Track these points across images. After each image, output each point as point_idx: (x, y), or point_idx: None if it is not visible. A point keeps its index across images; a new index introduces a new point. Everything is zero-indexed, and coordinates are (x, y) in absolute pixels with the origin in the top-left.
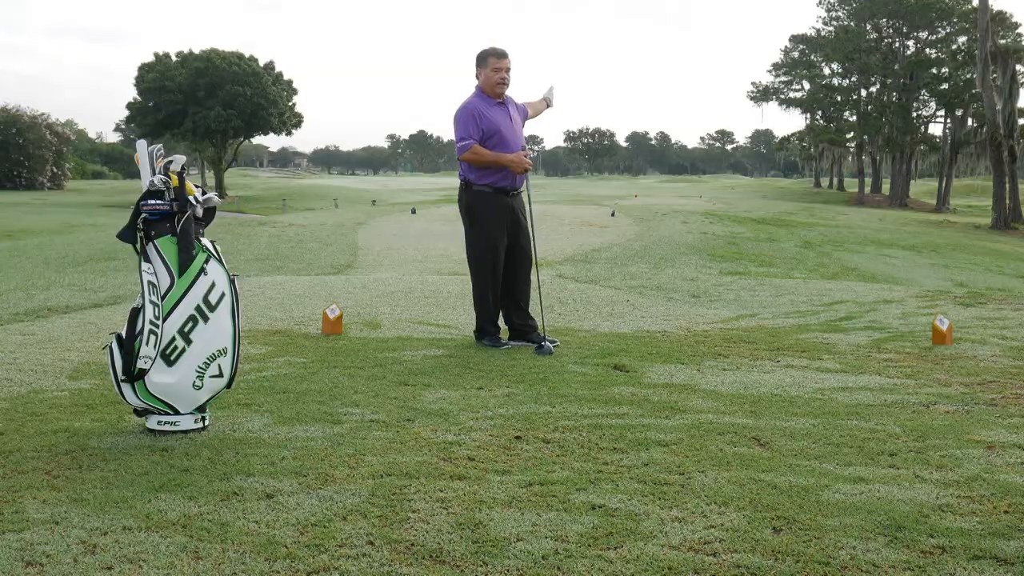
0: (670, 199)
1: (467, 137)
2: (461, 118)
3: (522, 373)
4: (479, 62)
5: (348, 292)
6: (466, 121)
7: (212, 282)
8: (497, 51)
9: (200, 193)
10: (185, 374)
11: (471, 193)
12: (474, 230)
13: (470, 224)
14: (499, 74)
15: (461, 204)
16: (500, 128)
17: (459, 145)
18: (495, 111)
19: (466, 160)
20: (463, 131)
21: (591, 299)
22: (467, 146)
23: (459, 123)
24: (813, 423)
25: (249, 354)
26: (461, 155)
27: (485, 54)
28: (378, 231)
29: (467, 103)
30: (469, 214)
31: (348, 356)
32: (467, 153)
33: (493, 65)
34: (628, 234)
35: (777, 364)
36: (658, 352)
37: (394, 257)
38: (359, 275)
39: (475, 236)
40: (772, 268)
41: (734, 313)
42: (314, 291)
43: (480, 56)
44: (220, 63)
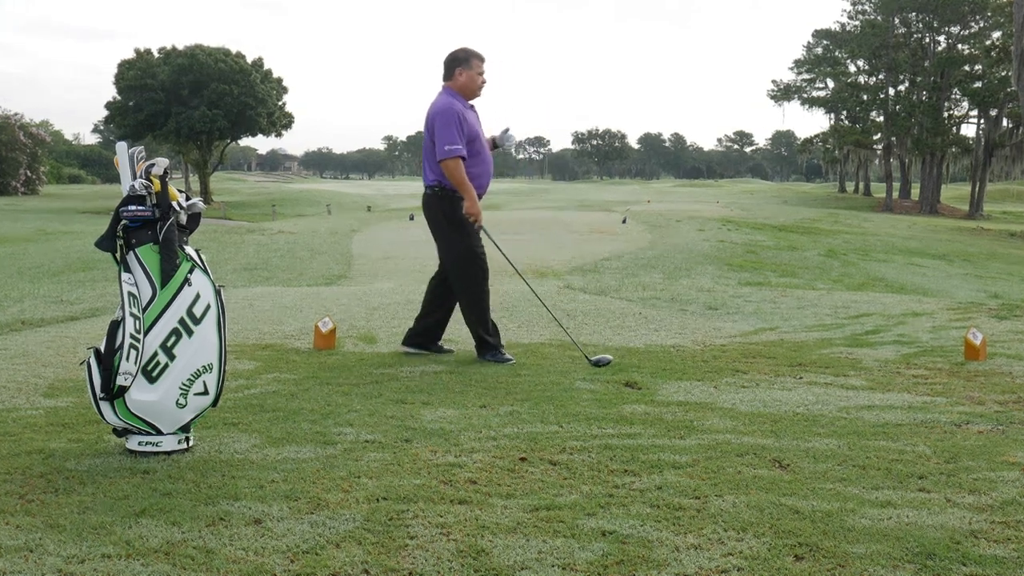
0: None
1: (455, 144)
2: (447, 121)
3: (527, 390)
4: (461, 62)
5: (342, 304)
6: (452, 126)
7: (197, 293)
8: (480, 53)
9: (184, 198)
10: (168, 391)
11: (449, 199)
12: (457, 237)
13: (451, 231)
14: (482, 77)
15: (435, 211)
16: (478, 134)
17: (448, 149)
18: (470, 115)
19: (446, 168)
20: (451, 136)
21: (600, 311)
22: (456, 152)
23: (446, 126)
24: (837, 444)
25: (236, 370)
26: (446, 159)
27: (468, 55)
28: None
29: (450, 104)
30: (450, 220)
31: (342, 372)
32: (451, 161)
33: (477, 67)
34: (640, 242)
35: (799, 381)
36: (672, 368)
37: (391, 267)
38: (353, 286)
39: (460, 243)
40: (794, 278)
41: (753, 327)
42: (305, 303)
43: (462, 56)
44: (205, 60)
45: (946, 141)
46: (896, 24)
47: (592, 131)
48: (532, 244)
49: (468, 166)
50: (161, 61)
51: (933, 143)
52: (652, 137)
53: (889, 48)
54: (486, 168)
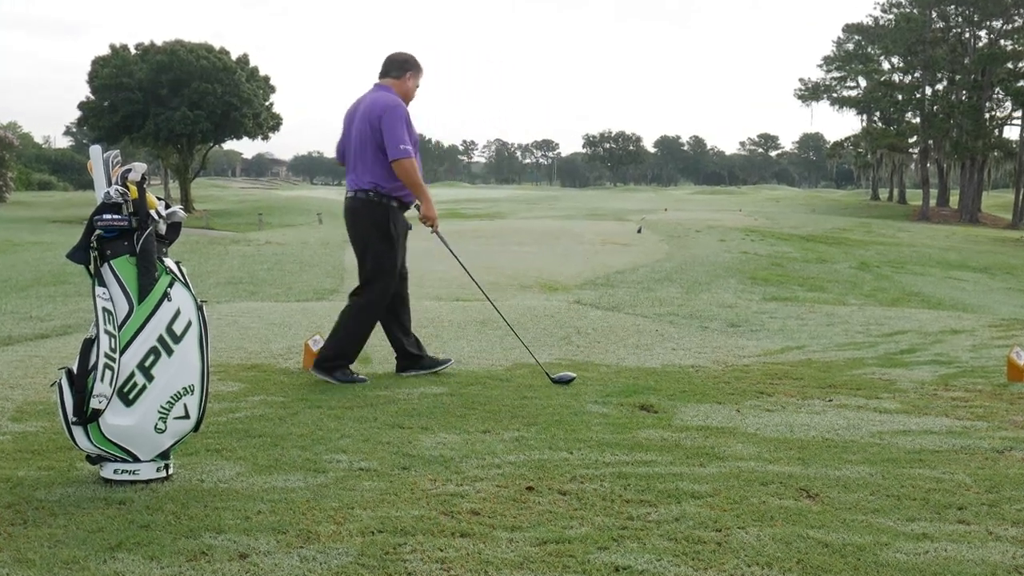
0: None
1: (407, 144)
2: (397, 119)
3: (534, 414)
4: (414, 67)
5: (334, 321)
6: (402, 125)
7: (177, 309)
8: (421, 63)
9: (163, 207)
10: (146, 415)
11: (384, 206)
12: (387, 248)
13: (381, 240)
14: (419, 87)
15: (364, 218)
16: (416, 141)
17: (402, 148)
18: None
19: (401, 169)
20: (402, 135)
21: (614, 329)
22: (408, 153)
23: (397, 124)
24: (870, 472)
25: (220, 392)
26: (401, 159)
27: (417, 62)
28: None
29: (398, 103)
30: (380, 228)
31: (334, 394)
32: (406, 161)
33: (421, 76)
34: (657, 254)
35: (829, 404)
36: (691, 390)
37: None
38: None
39: (389, 256)
40: (823, 293)
41: (779, 345)
42: (294, 319)
43: (415, 63)
44: (186, 57)
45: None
46: (934, 18)
47: (604, 134)
48: (539, 256)
49: None
50: (138, 58)
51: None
52: (669, 140)
53: (926, 44)
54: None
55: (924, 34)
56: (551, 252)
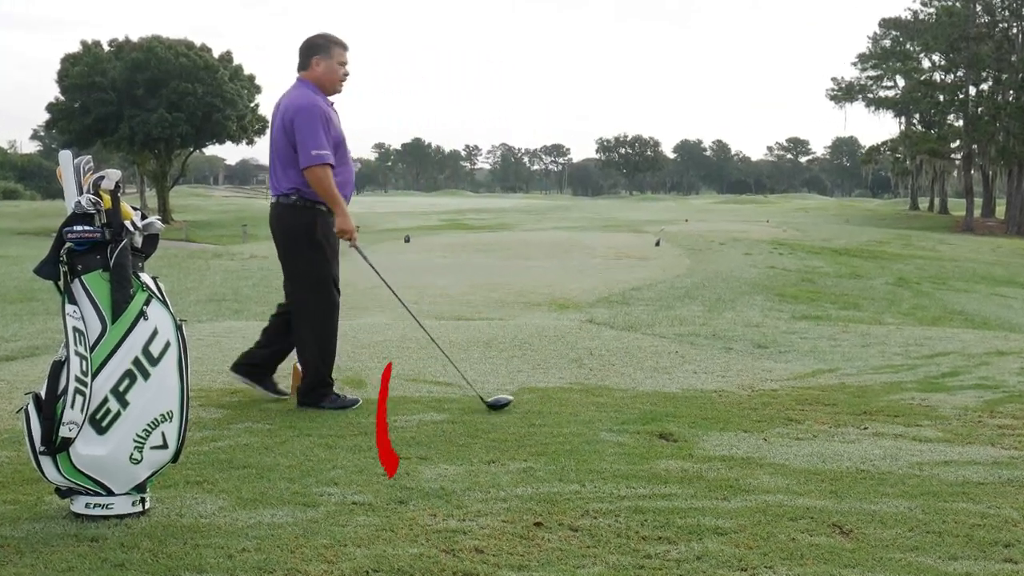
0: (729, 224)
1: (322, 149)
2: (311, 120)
3: (543, 443)
4: (319, 50)
5: None
6: (318, 126)
7: (154, 329)
8: (341, 41)
9: (139, 217)
10: (120, 444)
11: (309, 212)
12: (313, 258)
13: (308, 250)
14: (343, 69)
15: (288, 225)
16: (343, 138)
17: (315, 154)
18: (333, 115)
19: (314, 177)
20: (317, 139)
21: (629, 350)
22: (326, 159)
23: (311, 126)
24: (909, 506)
25: (201, 419)
26: (313, 165)
27: (328, 41)
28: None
29: (313, 101)
30: (308, 238)
31: (325, 422)
32: (319, 168)
33: (339, 57)
34: (676, 269)
35: (864, 432)
36: (714, 417)
37: (382, 297)
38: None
39: (315, 267)
40: (857, 311)
41: (809, 368)
42: None
43: (321, 43)
44: (164, 54)
45: None
46: (978, 11)
47: (620, 138)
48: (548, 272)
49: (334, 175)
50: (112, 55)
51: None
52: (690, 145)
53: (970, 40)
54: (349, 177)
55: (968, 29)
56: (561, 267)
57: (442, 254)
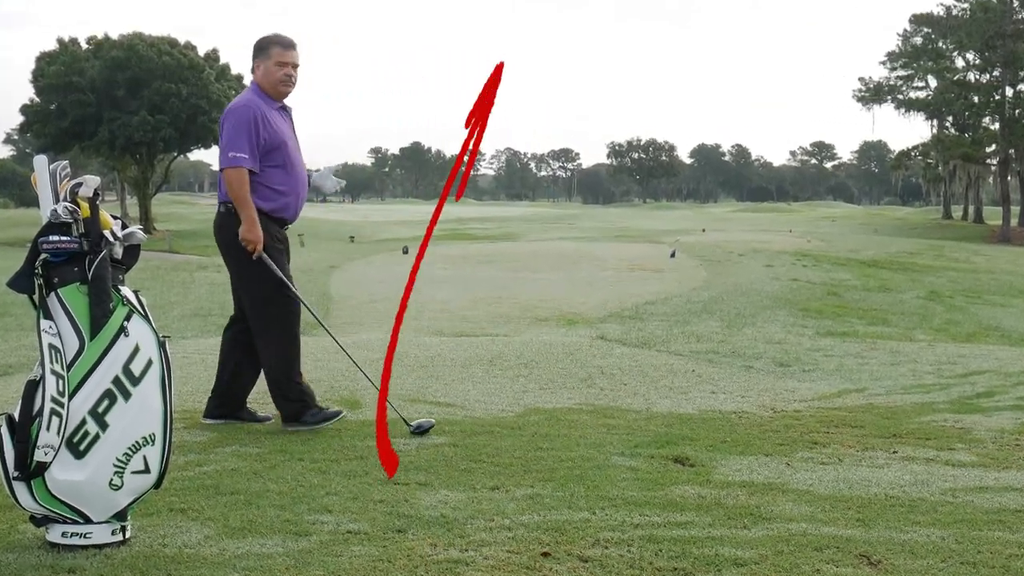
0: (749, 234)
1: (239, 151)
2: (237, 122)
3: (551, 467)
4: (258, 52)
5: (317, 359)
6: (242, 129)
7: (135, 346)
8: (283, 39)
9: (119, 226)
10: (99, 469)
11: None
12: (261, 268)
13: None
14: (284, 69)
15: (231, 234)
16: (286, 140)
17: (231, 156)
18: (276, 117)
19: (227, 179)
20: (237, 141)
21: (643, 368)
22: (240, 162)
23: (235, 128)
24: (941, 535)
25: (185, 442)
26: (226, 167)
27: (267, 42)
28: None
29: (246, 103)
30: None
31: (318, 445)
32: (233, 171)
33: (277, 57)
34: (693, 281)
35: (893, 456)
36: (733, 440)
37: (379, 312)
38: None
39: (264, 276)
40: (886, 327)
41: (835, 388)
42: None
43: (260, 44)
44: (146, 52)
45: None
46: (1015, 7)
47: (633, 142)
48: (556, 285)
49: (271, 181)
50: (91, 54)
51: None
52: (707, 149)
53: (1006, 37)
54: (295, 186)
55: (1004, 26)
56: (570, 279)
57: (443, 266)
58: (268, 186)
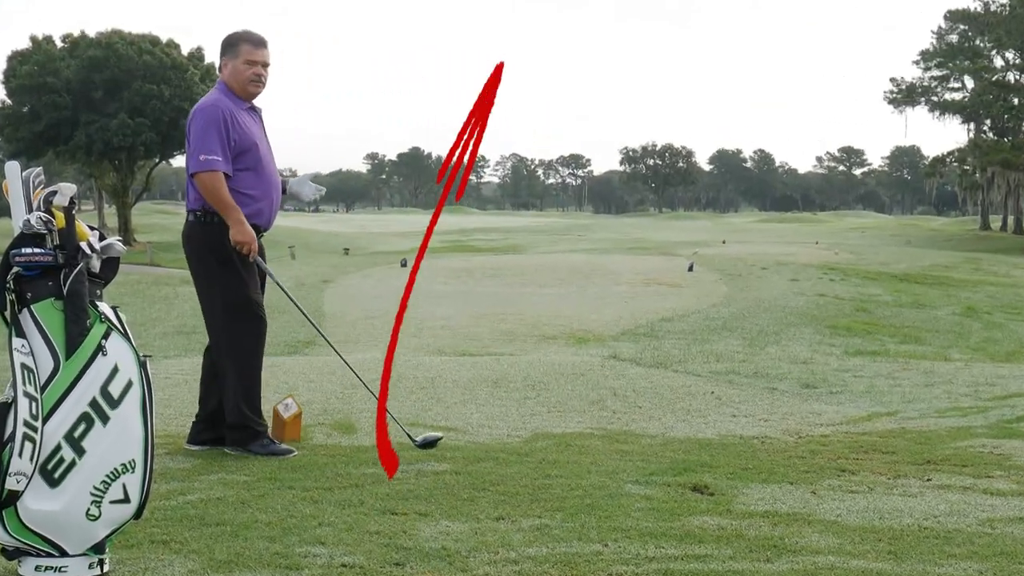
0: (773, 246)
1: (211, 154)
2: (205, 123)
3: (560, 496)
4: (226, 49)
5: (310, 380)
6: (211, 130)
7: (114, 366)
8: (253, 36)
9: (97, 238)
10: (75, 498)
11: (217, 229)
12: (226, 279)
13: (219, 271)
14: (254, 68)
15: (197, 244)
16: (257, 142)
17: (202, 159)
18: (245, 118)
19: (201, 185)
20: (207, 143)
21: (658, 390)
22: (212, 166)
23: (203, 130)
24: (979, 568)
25: (168, 469)
26: (199, 172)
27: (236, 38)
28: (352, 292)
29: (214, 103)
30: (218, 257)
31: (310, 472)
32: (206, 175)
33: (247, 55)
34: (712, 297)
35: (927, 484)
36: (755, 467)
37: (375, 329)
38: (325, 356)
39: (229, 289)
40: (919, 346)
41: (865, 411)
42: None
43: (229, 42)
44: (125, 51)
45: None
46: None
47: (648, 147)
48: (566, 300)
49: (242, 185)
50: (66, 52)
51: None
52: (728, 155)
53: None
54: (267, 191)
55: None
56: (581, 295)
57: (444, 280)
58: (239, 191)
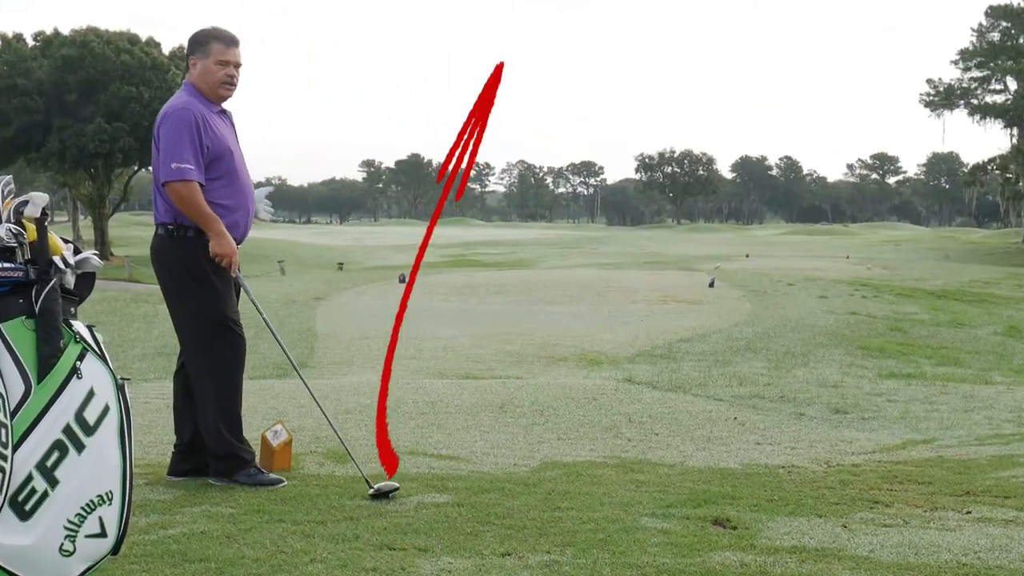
0: (800, 261)
1: (183, 162)
2: (176, 128)
3: (570, 531)
4: (195, 48)
5: (301, 405)
6: (182, 135)
7: (89, 390)
8: (224, 34)
9: (71, 251)
10: (48, 532)
11: (191, 243)
12: (200, 297)
13: (193, 288)
14: (225, 69)
15: (168, 259)
16: (230, 148)
17: (175, 167)
18: (217, 122)
19: (175, 195)
20: (179, 150)
21: (676, 416)
22: (186, 175)
23: (175, 136)
24: None
25: (148, 501)
26: (172, 181)
27: (206, 36)
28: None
29: (184, 106)
30: (192, 273)
31: (301, 504)
32: (180, 184)
33: (218, 55)
34: (735, 315)
35: (966, 517)
36: (781, 499)
37: (371, 350)
38: (317, 379)
39: (204, 307)
40: (959, 368)
41: (899, 438)
42: (248, 404)
43: (198, 40)
44: (102, 50)
45: None
46: None
47: (665, 154)
48: (577, 319)
49: (216, 195)
50: (38, 51)
51: None
52: (752, 163)
53: None
54: (242, 200)
55: None
56: (593, 313)
57: (445, 297)
58: (213, 201)
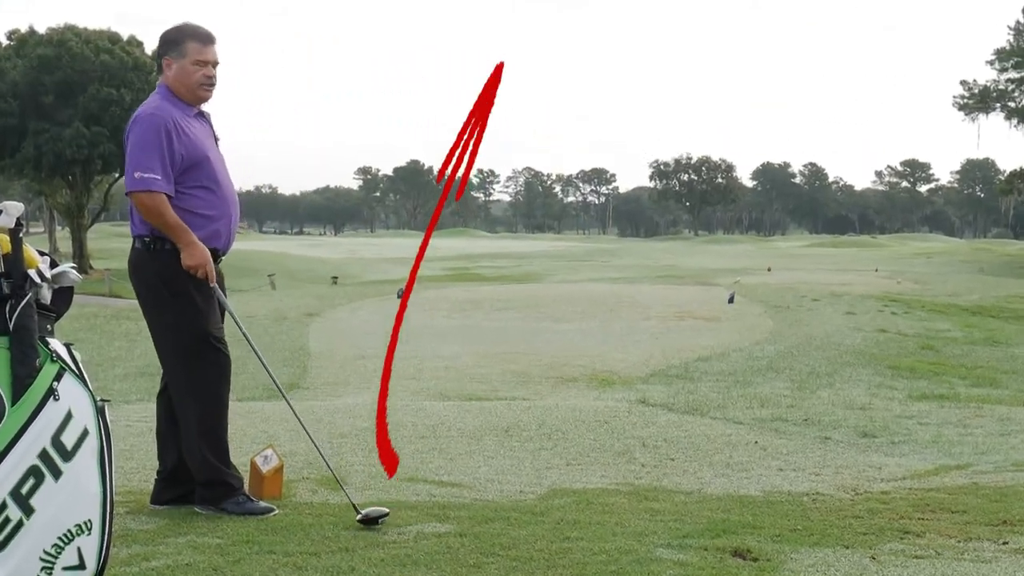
0: (825, 274)
1: (148, 171)
2: (143, 134)
3: (581, 562)
4: (169, 47)
5: (292, 429)
6: (150, 143)
7: (67, 412)
8: (200, 32)
9: (47, 265)
10: (23, 564)
11: (168, 256)
12: (180, 313)
13: (173, 304)
14: (203, 69)
15: (146, 274)
16: (207, 153)
17: (138, 177)
18: (194, 127)
19: (141, 205)
20: (145, 159)
21: (693, 440)
22: (147, 184)
23: (142, 143)
24: None
25: (129, 531)
26: (134, 192)
27: (181, 35)
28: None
29: (155, 111)
30: (168, 283)
31: (292, 535)
32: (145, 195)
33: (195, 54)
34: (756, 333)
35: (1002, 548)
36: (806, 528)
37: (367, 370)
38: (310, 400)
39: (185, 324)
40: (995, 388)
41: (932, 464)
42: (236, 427)
43: (172, 38)
44: (80, 49)
45: None
46: None
47: (681, 160)
48: (587, 337)
49: (195, 205)
50: (12, 51)
51: None
52: (774, 170)
53: None
54: (224, 208)
55: None
56: (604, 330)
57: (447, 313)
58: (192, 211)
